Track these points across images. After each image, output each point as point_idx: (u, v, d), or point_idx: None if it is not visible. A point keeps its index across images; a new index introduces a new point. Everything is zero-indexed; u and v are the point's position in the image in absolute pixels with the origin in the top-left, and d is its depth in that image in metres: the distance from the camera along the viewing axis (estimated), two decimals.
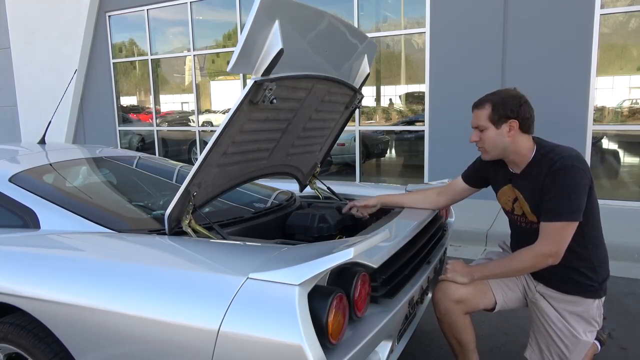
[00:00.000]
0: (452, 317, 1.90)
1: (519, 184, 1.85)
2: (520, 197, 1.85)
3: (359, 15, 6.28)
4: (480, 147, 1.88)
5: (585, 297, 1.80)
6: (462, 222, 4.50)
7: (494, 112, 1.78)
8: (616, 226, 4.27)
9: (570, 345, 1.82)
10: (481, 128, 1.83)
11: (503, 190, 1.94)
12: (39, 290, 1.45)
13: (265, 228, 2.14)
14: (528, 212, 1.83)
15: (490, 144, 1.83)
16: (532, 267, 1.75)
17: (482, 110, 1.81)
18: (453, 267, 1.90)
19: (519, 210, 1.89)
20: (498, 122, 1.78)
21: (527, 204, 1.82)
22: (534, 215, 1.81)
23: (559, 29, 5.10)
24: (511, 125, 1.77)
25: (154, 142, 8.36)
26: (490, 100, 1.80)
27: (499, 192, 1.97)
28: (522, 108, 1.76)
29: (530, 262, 1.74)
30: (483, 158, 1.92)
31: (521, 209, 1.87)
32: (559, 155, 1.72)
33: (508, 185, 1.91)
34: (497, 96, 1.80)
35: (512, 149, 1.81)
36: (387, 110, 6.45)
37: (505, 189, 1.93)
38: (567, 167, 1.69)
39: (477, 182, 2.10)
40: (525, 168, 1.82)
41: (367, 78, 2.39)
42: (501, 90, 1.83)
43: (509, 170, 1.90)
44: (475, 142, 1.87)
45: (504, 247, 2.17)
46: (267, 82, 1.61)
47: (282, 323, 1.16)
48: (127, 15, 8.19)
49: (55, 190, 1.92)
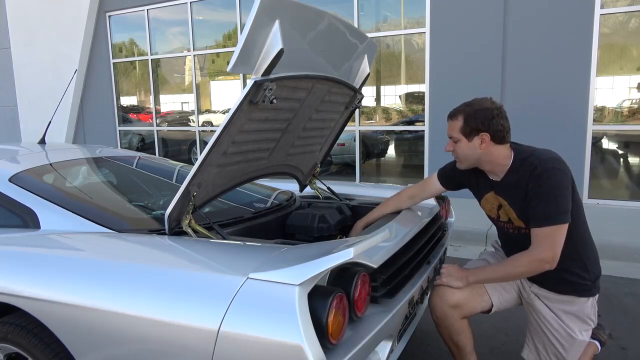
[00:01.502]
0: (449, 322, 1.90)
1: (501, 192, 1.85)
2: (505, 203, 1.85)
3: (359, 15, 6.28)
4: (455, 157, 1.89)
5: (579, 296, 1.81)
6: (462, 222, 4.49)
7: (465, 124, 1.78)
8: (616, 226, 4.27)
9: (567, 345, 1.82)
10: (454, 139, 1.83)
11: (486, 198, 1.95)
12: (39, 290, 1.45)
13: (265, 228, 2.14)
14: (514, 218, 1.83)
15: (464, 155, 1.84)
16: (529, 272, 1.75)
17: (455, 121, 1.81)
18: (448, 272, 1.89)
19: (504, 216, 1.89)
20: (470, 135, 1.78)
21: (513, 210, 1.82)
22: (520, 221, 1.81)
23: (559, 29, 5.10)
24: (483, 138, 1.77)
25: (154, 142, 8.36)
26: (462, 112, 1.79)
27: (482, 199, 1.97)
28: (494, 121, 1.75)
29: (527, 267, 1.73)
30: (458, 167, 1.93)
31: (507, 215, 1.87)
32: (539, 159, 1.72)
33: (490, 192, 1.91)
34: (470, 108, 1.79)
35: (485, 159, 1.82)
36: (387, 110, 6.45)
37: (488, 197, 1.93)
38: (548, 170, 1.69)
39: (454, 185, 2.10)
40: (505, 175, 1.82)
41: (367, 78, 2.39)
42: (475, 101, 1.81)
43: (488, 178, 1.91)
44: (450, 151, 1.88)
45: (496, 246, 2.17)
46: (267, 82, 1.61)
47: (282, 323, 1.15)
48: (127, 15, 8.19)
49: (55, 190, 1.92)
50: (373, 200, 2.61)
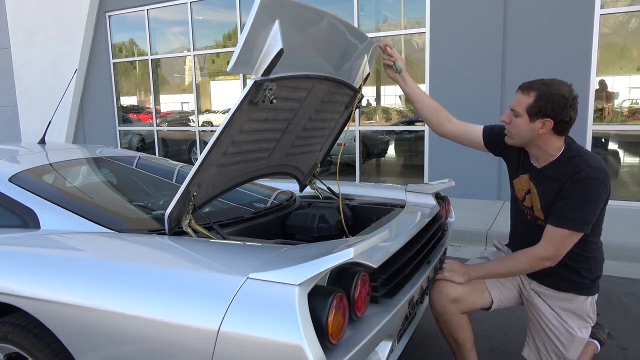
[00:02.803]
0: (448, 316, 1.91)
1: (536, 179, 1.81)
2: (534, 191, 1.82)
3: (359, 15, 6.28)
4: (507, 130, 1.80)
5: (578, 294, 1.81)
6: (462, 222, 4.49)
7: (534, 103, 1.67)
8: (616, 226, 4.27)
9: (566, 342, 1.83)
10: (516, 113, 1.73)
11: (520, 179, 1.89)
12: (39, 290, 1.45)
13: (265, 228, 2.14)
14: (537, 208, 1.82)
15: (517, 132, 1.75)
16: (530, 269, 1.76)
17: (525, 96, 1.70)
18: (450, 267, 1.90)
19: (529, 202, 1.87)
20: (534, 116, 1.68)
21: (540, 200, 1.79)
22: (541, 212, 1.80)
23: (559, 29, 5.10)
24: (545, 124, 1.68)
25: (154, 142, 8.36)
26: (537, 90, 1.68)
27: (516, 179, 1.91)
28: (565, 111, 1.65)
29: (527, 264, 1.74)
30: (505, 141, 1.84)
31: (531, 202, 1.85)
32: (586, 164, 1.66)
33: (526, 175, 1.85)
34: (546, 88, 1.67)
35: (537, 143, 1.74)
36: (387, 110, 6.45)
37: (522, 178, 1.88)
38: (592, 178, 1.64)
39: (493, 147, 1.98)
40: (547, 165, 1.77)
41: (367, 78, 2.39)
42: (555, 82, 1.69)
43: (529, 162, 1.85)
44: (505, 122, 1.79)
45: (498, 245, 2.17)
46: (267, 82, 1.61)
47: (282, 323, 1.15)
48: (127, 15, 8.19)
49: (55, 190, 1.92)
50: (373, 201, 2.61)
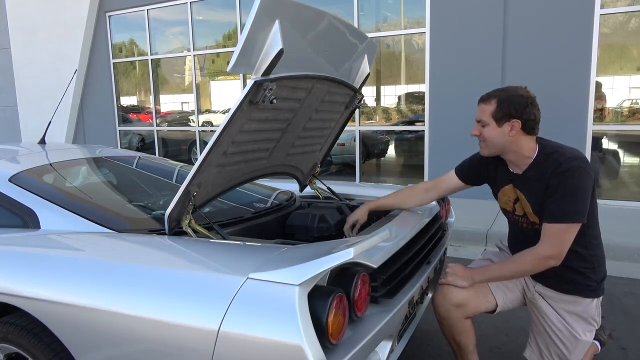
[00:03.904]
0: (452, 321, 1.89)
1: (520, 185, 1.83)
2: (522, 197, 1.83)
3: (359, 15, 6.28)
4: (480, 142, 1.86)
5: (583, 296, 1.80)
6: (462, 222, 4.49)
7: (498, 109, 1.75)
8: (616, 226, 4.27)
9: (570, 345, 1.81)
10: (483, 123, 1.80)
11: (504, 191, 1.93)
12: (39, 290, 1.45)
13: (265, 228, 2.14)
14: (530, 213, 1.82)
15: (490, 141, 1.81)
16: (534, 270, 1.74)
17: (487, 105, 1.78)
18: (453, 271, 1.87)
19: (520, 210, 1.88)
20: (500, 120, 1.76)
21: (530, 204, 1.80)
22: (536, 217, 1.80)
23: (559, 29, 5.10)
24: (513, 125, 1.75)
25: (154, 142, 8.36)
26: (496, 97, 1.77)
27: (500, 192, 1.95)
28: (527, 109, 1.73)
29: (531, 264, 1.72)
30: (481, 153, 1.90)
31: (522, 209, 1.86)
32: (564, 157, 1.70)
33: (509, 185, 1.89)
34: (504, 93, 1.76)
35: (511, 148, 1.79)
36: (387, 110, 6.45)
37: (505, 189, 1.91)
38: (573, 168, 1.67)
39: (472, 179, 2.06)
40: (528, 169, 1.80)
41: (367, 78, 2.39)
42: (510, 87, 1.80)
43: (509, 170, 1.88)
44: (476, 136, 1.85)
45: (501, 246, 2.16)
46: (267, 82, 1.61)
47: (282, 323, 1.15)
48: (127, 15, 8.19)
49: (55, 190, 1.92)
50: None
